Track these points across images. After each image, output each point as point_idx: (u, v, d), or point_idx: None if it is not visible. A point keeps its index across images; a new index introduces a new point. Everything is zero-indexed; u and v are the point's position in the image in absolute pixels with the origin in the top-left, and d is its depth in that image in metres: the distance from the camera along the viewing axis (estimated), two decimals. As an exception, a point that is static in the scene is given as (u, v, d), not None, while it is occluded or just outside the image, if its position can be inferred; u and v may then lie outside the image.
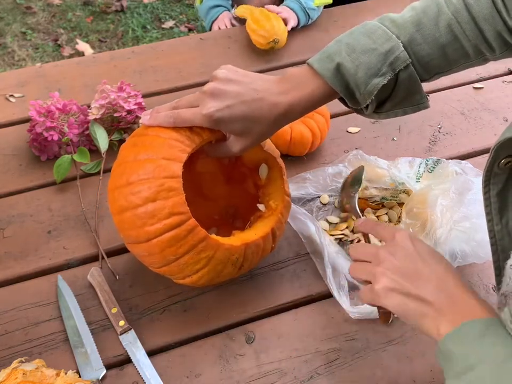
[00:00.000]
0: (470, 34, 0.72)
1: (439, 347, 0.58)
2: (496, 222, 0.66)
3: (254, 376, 0.77)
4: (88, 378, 0.74)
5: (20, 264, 0.88)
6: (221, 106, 0.72)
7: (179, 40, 1.39)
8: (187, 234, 0.71)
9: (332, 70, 0.71)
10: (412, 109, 0.77)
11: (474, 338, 0.56)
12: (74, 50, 2.66)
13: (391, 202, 0.96)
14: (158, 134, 0.74)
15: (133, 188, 0.71)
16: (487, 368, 0.53)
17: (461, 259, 0.83)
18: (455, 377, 0.56)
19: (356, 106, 0.76)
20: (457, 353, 0.56)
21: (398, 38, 0.72)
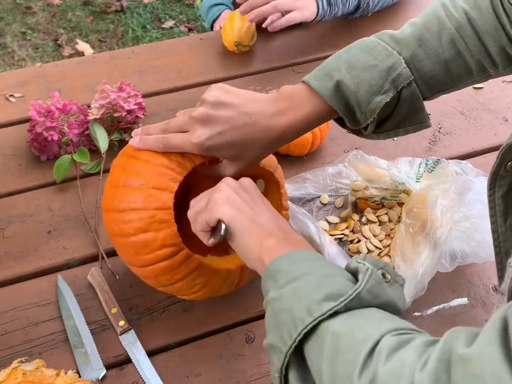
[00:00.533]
0: (474, 49, 0.70)
1: (267, 267, 0.57)
2: (500, 224, 0.65)
3: (254, 376, 0.77)
4: (88, 378, 0.74)
5: (20, 264, 0.88)
6: (211, 134, 0.68)
7: (179, 40, 1.40)
8: (180, 264, 0.70)
9: (331, 88, 0.68)
10: (414, 128, 0.74)
11: (303, 259, 0.56)
12: (74, 50, 2.66)
13: (391, 202, 0.96)
14: (148, 159, 0.71)
15: (124, 216, 0.69)
16: (313, 278, 0.52)
17: (461, 259, 0.83)
18: (277, 288, 0.54)
19: (355, 127, 0.73)
20: (285, 268, 0.55)
21: (400, 54, 0.69)
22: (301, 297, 0.51)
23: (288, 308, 0.51)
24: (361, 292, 0.49)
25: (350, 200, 0.97)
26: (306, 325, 0.49)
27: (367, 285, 0.50)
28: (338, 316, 0.49)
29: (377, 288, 0.51)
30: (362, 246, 0.90)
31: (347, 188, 0.97)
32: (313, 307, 0.49)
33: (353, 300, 0.49)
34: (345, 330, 0.47)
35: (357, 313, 0.49)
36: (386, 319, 0.49)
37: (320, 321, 0.48)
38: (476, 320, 0.84)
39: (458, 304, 0.84)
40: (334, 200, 0.98)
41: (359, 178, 0.97)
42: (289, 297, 0.52)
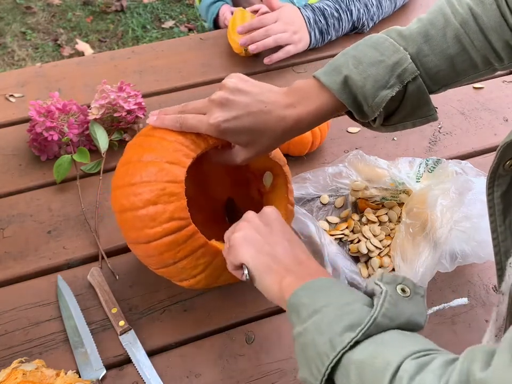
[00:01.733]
0: (478, 44, 0.72)
1: (289, 301, 0.58)
2: (499, 223, 0.66)
3: (254, 376, 0.77)
4: (88, 378, 0.74)
5: (20, 264, 0.88)
6: (228, 117, 0.71)
7: (179, 40, 1.39)
8: (186, 239, 0.71)
9: (339, 82, 0.70)
10: (421, 121, 0.76)
11: (321, 289, 0.58)
12: (74, 50, 2.66)
13: (391, 202, 0.96)
14: (163, 136, 0.73)
15: (135, 189, 0.71)
16: (332, 310, 0.54)
17: (461, 259, 0.83)
18: (301, 323, 0.56)
19: (364, 120, 0.75)
20: (305, 302, 0.57)
21: (406, 50, 0.71)
22: (323, 330, 0.53)
23: (313, 342, 0.53)
24: (377, 318, 0.51)
25: (350, 200, 0.97)
26: (331, 360, 0.51)
27: (381, 309, 0.51)
28: (359, 345, 0.50)
29: (394, 310, 0.52)
30: (362, 246, 0.90)
31: (347, 188, 0.97)
32: (335, 341, 0.51)
33: (370, 327, 0.50)
34: (367, 359, 0.49)
35: (376, 339, 0.50)
36: (405, 342, 0.50)
37: (343, 353, 0.50)
38: (476, 320, 0.84)
39: (458, 304, 0.84)
40: (334, 200, 0.98)
41: (359, 178, 0.97)
42: (312, 331, 0.54)
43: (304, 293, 0.58)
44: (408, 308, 0.53)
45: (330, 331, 0.52)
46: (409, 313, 0.53)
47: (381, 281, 0.55)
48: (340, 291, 0.57)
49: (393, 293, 0.53)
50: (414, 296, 0.54)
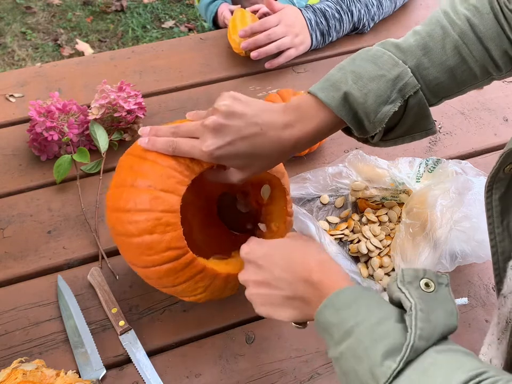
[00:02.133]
0: (477, 55, 0.71)
1: (317, 320, 0.58)
2: (497, 225, 0.66)
3: (254, 376, 0.77)
4: (88, 378, 0.74)
5: (20, 264, 0.88)
6: (222, 144, 0.68)
7: (179, 40, 1.39)
8: (184, 267, 0.70)
9: (338, 99, 0.68)
10: (420, 135, 0.75)
11: (347, 304, 0.56)
12: (74, 50, 2.66)
13: (391, 202, 0.96)
14: (156, 161, 0.71)
15: (129, 216, 0.69)
16: (364, 332, 0.53)
17: (461, 259, 0.83)
18: (335, 345, 0.55)
19: (363, 135, 0.73)
20: (334, 322, 0.56)
21: (405, 63, 0.70)
22: (361, 358, 0.52)
23: (353, 370, 0.53)
24: (414, 343, 0.50)
25: (350, 200, 0.97)
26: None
27: (417, 331, 0.50)
28: (401, 374, 0.49)
29: (428, 329, 0.51)
30: (362, 246, 0.90)
31: (347, 188, 0.97)
32: (376, 372, 0.50)
33: (409, 355, 0.49)
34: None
35: (418, 367, 0.49)
36: (449, 368, 0.49)
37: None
38: (476, 320, 0.84)
39: (458, 304, 0.84)
40: (334, 200, 0.98)
41: (359, 178, 0.97)
42: (350, 358, 0.53)
43: (330, 311, 0.57)
44: (439, 316, 0.52)
45: (368, 359, 0.51)
46: (442, 324, 0.52)
47: (403, 284, 0.54)
48: (366, 305, 0.55)
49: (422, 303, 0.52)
50: (438, 289, 0.54)
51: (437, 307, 0.53)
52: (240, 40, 1.22)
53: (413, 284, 0.54)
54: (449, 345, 0.52)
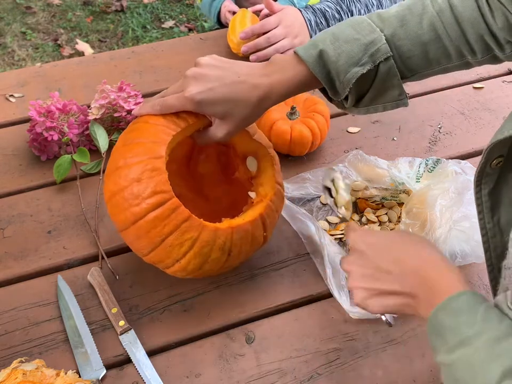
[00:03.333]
0: (452, 34, 0.73)
1: (430, 321, 0.56)
2: (487, 220, 0.67)
3: (254, 376, 0.77)
4: (88, 378, 0.74)
5: (20, 264, 0.88)
6: (203, 89, 0.73)
7: (179, 40, 1.39)
8: (170, 213, 0.72)
9: (314, 56, 0.73)
10: (391, 105, 0.77)
11: (466, 309, 0.54)
12: (74, 50, 2.66)
13: (391, 202, 0.96)
14: (146, 121, 0.77)
15: (121, 171, 0.74)
16: (482, 345, 0.51)
17: (460, 259, 0.83)
18: (447, 351, 0.54)
19: (336, 98, 0.77)
20: (450, 325, 0.54)
21: (382, 31, 0.73)
22: (476, 372, 0.50)
23: (464, 381, 0.51)
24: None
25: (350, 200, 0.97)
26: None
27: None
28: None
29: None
30: (362, 246, 0.89)
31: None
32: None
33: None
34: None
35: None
36: None
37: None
38: (475, 320, 0.84)
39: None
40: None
41: (359, 178, 0.97)
42: (463, 369, 0.52)
43: (446, 313, 0.55)
44: None
45: (484, 375, 0.50)
46: None
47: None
48: (486, 314, 0.53)
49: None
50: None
51: None
52: (239, 41, 1.22)
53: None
54: None
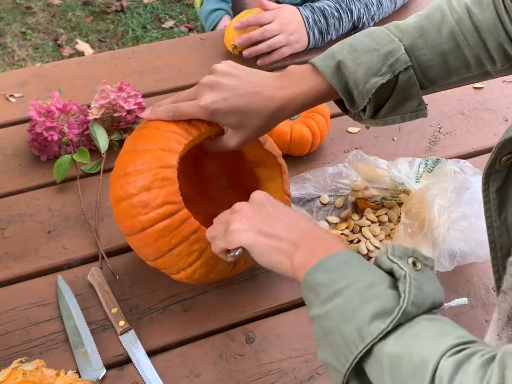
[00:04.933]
0: (472, 43, 0.73)
1: (304, 279, 0.57)
2: (495, 218, 0.66)
3: (254, 376, 0.77)
4: (88, 378, 0.74)
5: (20, 264, 0.88)
6: (217, 98, 0.73)
7: (179, 40, 1.40)
8: (180, 224, 0.72)
9: (332, 67, 0.72)
10: (410, 116, 0.76)
11: (339, 267, 0.55)
12: (74, 50, 2.66)
13: (391, 202, 0.96)
14: (157, 127, 0.76)
15: (129, 177, 0.72)
16: (354, 293, 0.52)
17: (460, 258, 0.83)
18: (320, 304, 0.55)
19: (354, 109, 0.76)
20: (323, 281, 0.55)
21: (401, 41, 0.72)
22: (347, 317, 0.52)
23: (337, 329, 0.52)
24: (407, 308, 0.50)
25: (350, 200, 0.97)
26: (360, 350, 0.50)
27: (410, 297, 0.50)
28: (389, 336, 0.50)
29: (420, 297, 0.51)
30: (362, 246, 0.90)
31: (347, 188, 0.97)
32: (363, 331, 0.50)
33: (400, 318, 0.49)
34: (402, 354, 0.48)
35: (407, 331, 0.50)
36: (438, 334, 0.49)
37: (373, 344, 0.50)
38: (476, 320, 0.84)
39: (458, 304, 0.84)
40: (334, 200, 0.98)
41: (359, 178, 0.97)
42: (335, 316, 0.53)
43: (320, 272, 0.56)
44: (430, 289, 0.52)
45: (356, 319, 0.51)
46: (432, 296, 0.52)
47: (394, 255, 0.54)
48: (358, 269, 0.55)
49: (414, 273, 0.52)
50: (424, 269, 0.54)
51: (427, 281, 0.53)
52: (231, 39, 1.23)
53: (402, 259, 0.54)
54: (437, 315, 0.52)
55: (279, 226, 0.63)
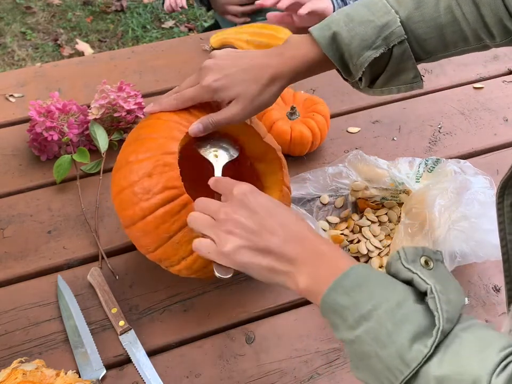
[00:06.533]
0: (470, 17, 0.72)
1: (323, 301, 0.54)
2: (509, 231, 0.66)
3: (254, 376, 0.77)
4: (88, 378, 0.74)
5: (20, 264, 0.88)
6: (219, 76, 0.74)
7: (179, 40, 1.40)
8: (180, 209, 0.72)
9: (327, 37, 0.72)
10: (405, 88, 0.77)
11: (359, 285, 0.53)
12: (74, 50, 2.66)
13: (391, 202, 0.96)
14: (159, 117, 0.77)
15: (131, 166, 0.74)
16: (383, 315, 0.50)
17: (460, 258, 0.83)
18: (349, 328, 0.52)
19: (350, 79, 0.76)
20: (346, 304, 0.52)
21: (397, 13, 0.72)
22: (384, 342, 0.50)
23: (375, 354, 0.51)
24: (444, 327, 0.49)
25: (350, 200, 0.97)
26: (406, 375, 0.49)
27: (443, 315, 0.49)
28: (432, 358, 0.48)
29: (451, 311, 0.50)
30: (362, 246, 0.90)
31: (347, 188, 0.97)
32: (405, 356, 0.49)
33: (439, 338, 0.49)
34: (448, 374, 0.47)
35: (447, 348, 0.49)
36: (480, 347, 0.48)
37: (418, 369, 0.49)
38: (475, 320, 0.84)
39: (458, 304, 0.84)
40: (334, 200, 0.98)
41: (359, 178, 0.97)
42: (369, 342, 0.51)
43: (340, 293, 0.53)
44: (455, 295, 0.51)
45: (394, 344, 0.50)
46: (460, 304, 0.51)
47: (407, 261, 0.52)
48: (379, 285, 0.53)
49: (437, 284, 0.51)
50: (436, 266, 0.53)
51: (448, 286, 0.52)
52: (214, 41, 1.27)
53: (416, 262, 0.53)
54: (468, 321, 0.51)
55: (274, 240, 0.58)
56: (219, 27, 1.56)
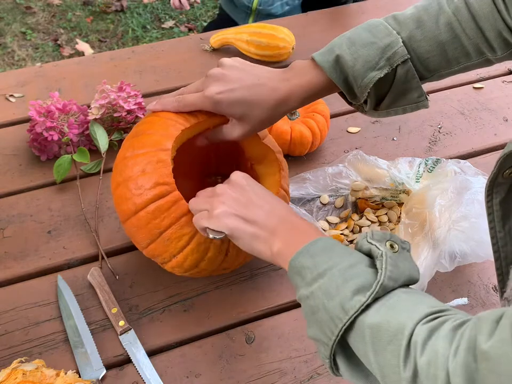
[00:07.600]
0: (470, 33, 0.73)
1: (290, 264, 0.60)
2: (499, 229, 0.66)
3: (254, 376, 0.77)
4: (88, 378, 0.74)
5: (20, 264, 0.88)
6: (223, 89, 0.75)
7: (179, 40, 1.39)
8: (170, 206, 0.73)
9: (331, 61, 0.73)
10: (411, 108, 0.77)
11: (322, 251, 0.59)
12: (74, 50, 2.66)
13: (391, 202, 0.96)
14: (158, 115, 0.79)
15: (127, 161, 0.75)
16: (336, 273, 0.56)
17: (460, 258, 0.83)
18: (306, 285, 0.58)
19: (355, 102, 0.77)
20: (308, 265, 0.59)
21: (399, 34, 0.73)
22: (332, 295, 0.55)
23: (323, 306, 0.56)
24: (384, 282, 0.53)
25: (350, 200, 0.97)
26: (344, 323, 0.54)
27: (386, 273, 0.54)
28: (369, 309, 0.53)
29: (396, 272, 0.55)
30: (362, 246, 0.89)
31: (347, 188, 0.97)
32: (346, 305, 0.54)
33: (378, 291, 0.53)
34: (381, 323, 0.52)
35: (385, 302, 0.53)
36: (413, 304, 0.53)
37: (355, 317, 0.54)
38: (475, 320, 0.84)
39: (458, 304, 0.84)
40: (334, 200, 0.98)
41: (359, 178, 0.97)
42: (320, 295, 0.57)
43: (305, 256, 0.59)
44: (405, 266, 0.56)
45: (339, 295, 0.55)
46: (408, 272, 0.56)
47: (372, 239, 0.58)
48: (340, 252, 0.59)
49: (390, 252, 0.56)
50: (401, 251, 0.57)
51: (403, 260, 0.57)
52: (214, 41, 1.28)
53: (381, 242, 0.57)
54: (413, 289, 0.56)
55: (259, 213, 0.66)
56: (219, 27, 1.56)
